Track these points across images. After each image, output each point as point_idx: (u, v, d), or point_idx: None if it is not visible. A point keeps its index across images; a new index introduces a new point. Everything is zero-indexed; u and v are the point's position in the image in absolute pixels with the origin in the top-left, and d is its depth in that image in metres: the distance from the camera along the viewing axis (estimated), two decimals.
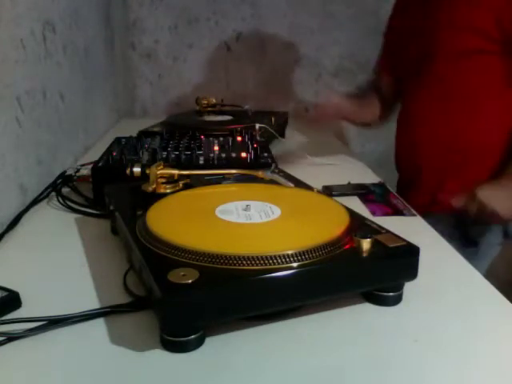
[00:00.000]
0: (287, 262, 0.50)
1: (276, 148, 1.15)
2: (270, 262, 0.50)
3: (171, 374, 0.45)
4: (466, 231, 1.07)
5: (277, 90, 1.91)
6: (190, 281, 0.47)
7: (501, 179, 1.01)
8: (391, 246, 0.55)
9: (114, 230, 0.73)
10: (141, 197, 0.71)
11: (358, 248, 0.53)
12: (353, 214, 0.63)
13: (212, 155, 0.92)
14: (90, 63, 1.33)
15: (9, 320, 0.51)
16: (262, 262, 0.49)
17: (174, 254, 0.51)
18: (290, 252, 0.51)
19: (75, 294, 0.58)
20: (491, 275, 0.72)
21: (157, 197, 0.68)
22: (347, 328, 0.52)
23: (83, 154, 1.23)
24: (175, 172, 0.72)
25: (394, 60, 1.20)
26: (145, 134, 1.12)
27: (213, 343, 0.49)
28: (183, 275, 0.47)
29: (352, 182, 0.98)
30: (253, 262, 0.49)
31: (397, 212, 0.86)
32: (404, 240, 0.57)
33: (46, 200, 0.89)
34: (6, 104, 0.81)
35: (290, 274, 0.49)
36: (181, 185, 0.73)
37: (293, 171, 0.85)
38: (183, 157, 0.91)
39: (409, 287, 0.57)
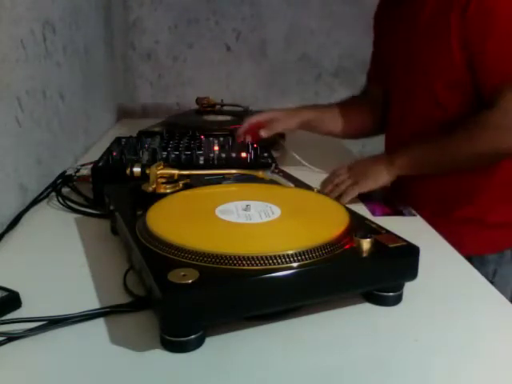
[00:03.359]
0: (287, 262, 0.50)
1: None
2: (270, 262, 0.50)
3: (171, 374, 0.45)
4: None
5: (277, 90, 1.91)
6: (190, 281, 0.47)
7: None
8: (391, 246, 0.55)
9: (114, 230, 0.73)
10: (141, 197, 0.71)
11: (358, 248, 0.54)
12: (353, 214, 0.63)
13: (212, 155, 0.92)
14: (90, 63, 1.33)
15: (9, 320, 0.51)
16: (262, 261, 0.49)
17: (174, 254, 0.51)
18: (290, 252, 0.51)
19: (75, 293, 0.58)
20: None
21: (157, 197, 0.68)
22: (347, 328, 0.52)
23: (83, 154, 1.23)
24: (175, 172, 0.72)
25: (382, 72, 1.15)
26: (145, 133, 1.12)
27: (213, 343, 0.49)
28: (183, 275, 0.47)
29: None
30: (253, 262, 0.49)
31: (397, 212, 0.86)
32: (404, 240, 0.57)
33: (46, 200, 0.89)
34: (6, 104, 0.80)
35: (289, 274, 0.49)
36: (181, 185, 0.73)
37: (292, 171, 0.85)
38: (183, 157, 0.91)
39: (409, 287, 0.57)
